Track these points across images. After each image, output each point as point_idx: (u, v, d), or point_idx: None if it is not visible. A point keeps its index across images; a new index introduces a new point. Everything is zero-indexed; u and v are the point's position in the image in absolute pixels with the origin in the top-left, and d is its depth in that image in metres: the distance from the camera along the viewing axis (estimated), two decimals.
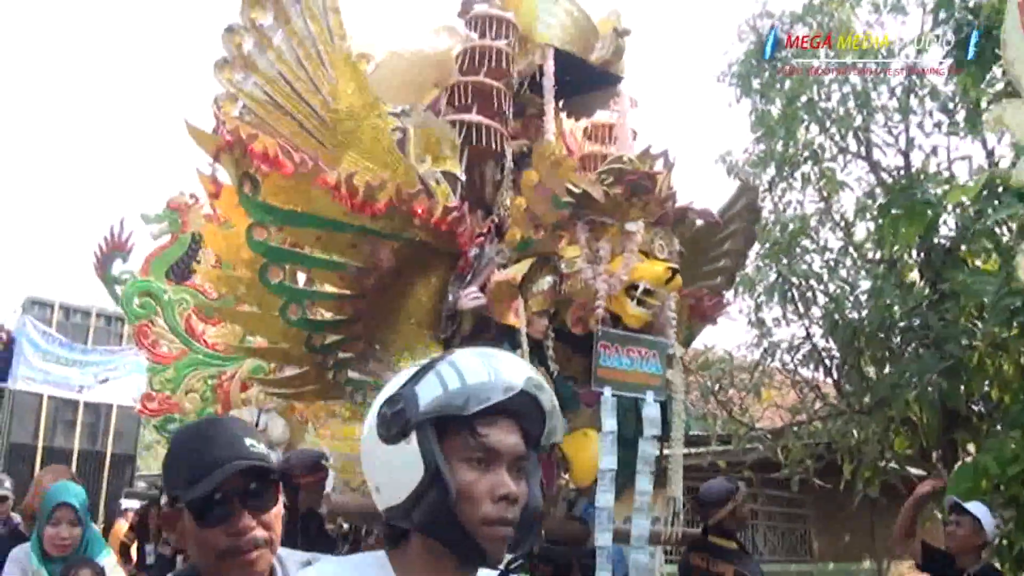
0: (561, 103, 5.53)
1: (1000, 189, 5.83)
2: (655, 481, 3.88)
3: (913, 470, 8.98)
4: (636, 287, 3.89)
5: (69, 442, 12.66)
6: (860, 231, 9.68)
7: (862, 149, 9.73)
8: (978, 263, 8.32)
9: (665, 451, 4.13)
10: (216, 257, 4.29)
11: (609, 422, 3.71)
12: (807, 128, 9.72)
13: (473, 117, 4.74)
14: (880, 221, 7.28)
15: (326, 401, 4.41)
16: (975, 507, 4.60)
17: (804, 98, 9.65)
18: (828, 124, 9.79)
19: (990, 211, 5.81)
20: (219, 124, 3.95)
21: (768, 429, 9.92)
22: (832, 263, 8.58)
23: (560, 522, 4.29)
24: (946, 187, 7.42)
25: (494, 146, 4.76)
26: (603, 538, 3.58)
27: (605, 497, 3.62)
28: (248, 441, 1.53)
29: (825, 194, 9.91)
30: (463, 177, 4.63)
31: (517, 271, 4.04)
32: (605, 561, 3.57)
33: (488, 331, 4.28)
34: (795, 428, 9.89)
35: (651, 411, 3.83)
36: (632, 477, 3.80)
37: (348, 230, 3.98)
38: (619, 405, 3.81)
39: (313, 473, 4.71)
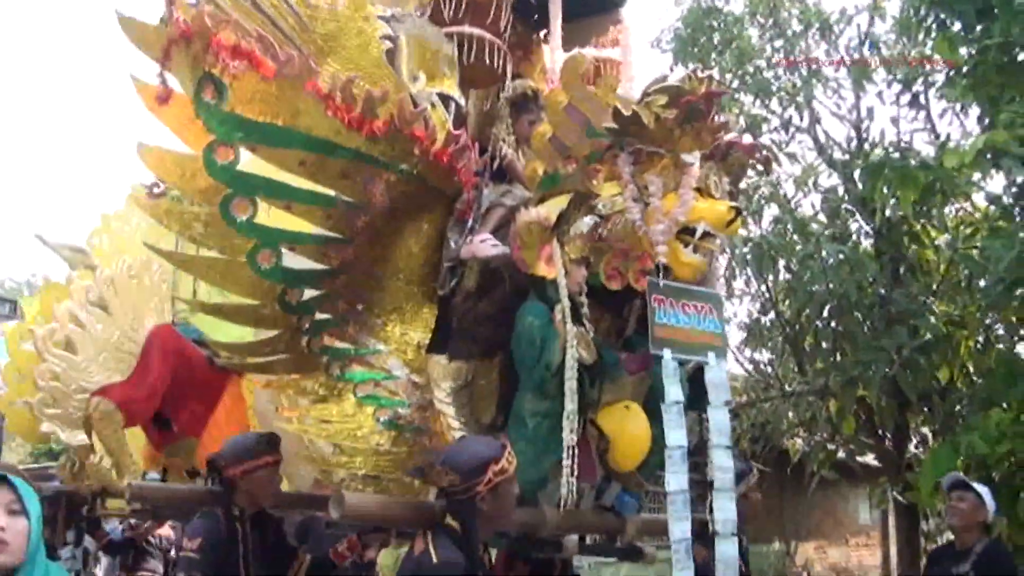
0: (544, 33, 4.77)
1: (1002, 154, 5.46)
2: None
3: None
4: (691, 231, 3.20)
5: None
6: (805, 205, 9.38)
7: (804, 121, 9.40)
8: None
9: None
10: None
11: (674, 391, 3.00)
12: (754, 100, 9.32)
13: (470, 29, 3.94)
14: (859, 186, 6.84)
15: (297, 375, 3.53)
16: (977, 485, 4.67)
17: (750, 68, 9.28)
18: (770, 96, 9.45)
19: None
20: (169, 13, 3.05)
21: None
22: (790, 234, 8.15)
23: (591, 514, 3.58)
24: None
25: (495, 67, 3.98)
26: (680, 529, 2.87)
27: (677, 479, 2.92)
28: None
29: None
30: (463, 101, 3.83)
31: (551, 210, 3.28)
32: (685, 556, 2.87)
33: (500, 286, 3.51)
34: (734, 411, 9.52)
35: (717, 375, 3.15)
36: None
37: (340, 154, 3.13)
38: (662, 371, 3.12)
39: (240, 463, 3.73)
